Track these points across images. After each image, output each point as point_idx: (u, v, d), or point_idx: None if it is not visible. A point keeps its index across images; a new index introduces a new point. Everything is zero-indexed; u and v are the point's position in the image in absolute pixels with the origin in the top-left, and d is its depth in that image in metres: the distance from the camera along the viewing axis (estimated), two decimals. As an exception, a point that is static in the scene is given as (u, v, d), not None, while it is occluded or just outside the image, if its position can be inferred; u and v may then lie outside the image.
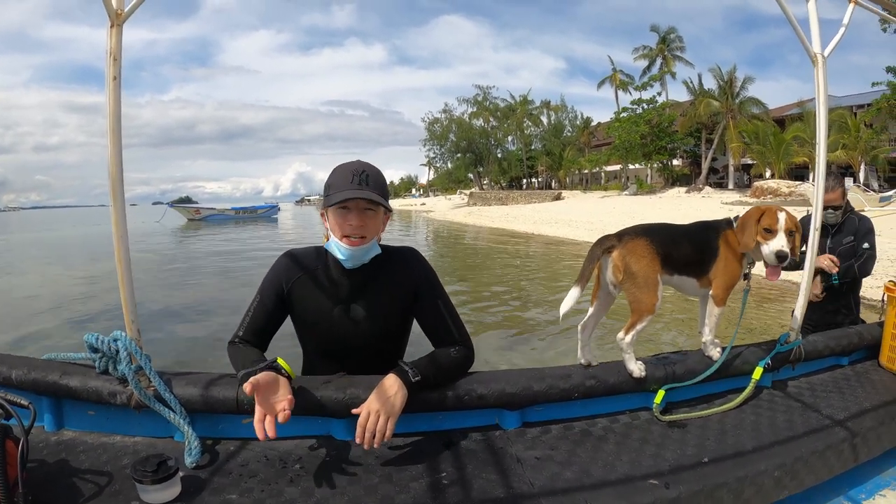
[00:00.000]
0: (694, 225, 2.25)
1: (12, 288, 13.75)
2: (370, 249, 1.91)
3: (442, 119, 70.09)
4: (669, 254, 2.10)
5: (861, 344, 2.66)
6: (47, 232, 45.10)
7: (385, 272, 1.97)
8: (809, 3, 2.21)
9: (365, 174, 1.86)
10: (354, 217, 1.84)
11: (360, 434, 1.63)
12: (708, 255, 2.18)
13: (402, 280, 1.98)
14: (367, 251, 1.90)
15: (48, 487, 1.50)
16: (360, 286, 1.96)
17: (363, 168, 1.88)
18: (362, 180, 1.85)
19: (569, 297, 2.03)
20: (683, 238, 2.18)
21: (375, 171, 1.90)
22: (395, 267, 1.99)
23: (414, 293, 1.98)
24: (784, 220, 2.09)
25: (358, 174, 1.85)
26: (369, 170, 1.88)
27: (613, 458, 1.74)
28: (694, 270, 2.17)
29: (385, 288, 1.97)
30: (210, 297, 11.72)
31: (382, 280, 1.97)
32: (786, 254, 2.06)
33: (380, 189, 1.88)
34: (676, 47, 52.50)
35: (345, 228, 1.85)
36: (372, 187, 1.86)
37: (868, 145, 32.80)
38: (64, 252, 24.17)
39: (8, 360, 1.88)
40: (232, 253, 20.80)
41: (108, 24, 1.55)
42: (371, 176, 1.87)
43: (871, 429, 2.03)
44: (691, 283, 2.20)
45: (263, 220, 50.41)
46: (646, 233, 2.09)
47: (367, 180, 1.86)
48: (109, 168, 1.60)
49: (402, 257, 2.02)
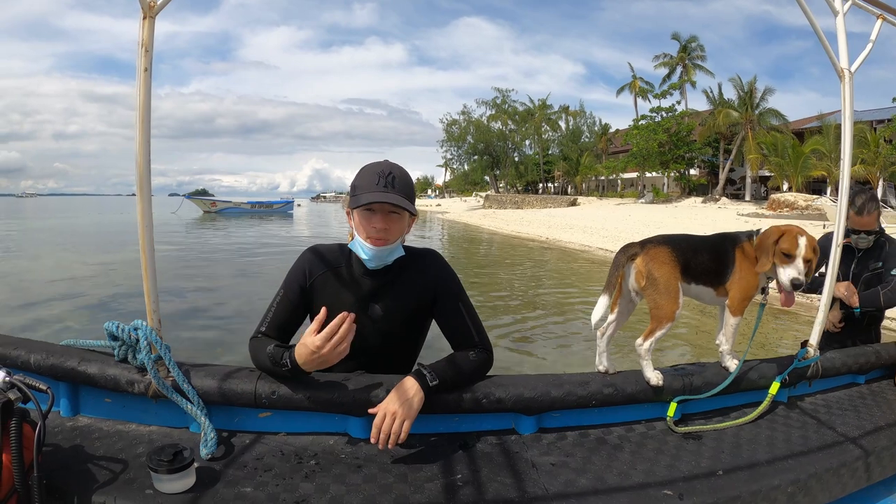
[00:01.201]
0: (714, 236, 2.26)
1: (28, 271, 13.89)
2: (394, 251, 1.90)
3: (460, 121, 70.02)
4: (689, 263, 2.11)
5: (878, 363, 2.63)
6: (66, 219, 45.44)
7: (406, 274, 1.97)
8: (837, 18, 2.19)
9: (392, 176, 1.85)
10: (379, 220, 1.84)
11: (375, 435, 1.64)
12: (724, 265, 2.18)
13: (423, 282, 1.98)
14: (391, 252, 1.90)
15: (63, 472, 1.52)
16: (381, 286, 1.96)
17: (390, 170, 1.86)
18: (388, 182, 1.84)
19: (598, 306, 2.05)
20: (702, 248, 2.18)
21: (402, 173, 1.89)
22: (417, 269, 1.99)
23: (434, 296, 1.98)
24: (804, 245, 2.08)
25: (384, 176, 1.84)
26: (396, 171, 1.87)
27: (628, 466, 1.73)
28: (711, 280, 2.18)
29: (406, 289, 1.97)
30: (225, 288, 11.79)
31: (403, 281, 1.97)
32: (801, 282, 2.05)
33: (406, 191, 1.87)
34: (697, 56, 52.36)
35: (369, 230, 1.84)
36: (398, 190, 1.85)
37: (887, 161, 32.41)
38: (81, 240, 24.37)
39: (27, 345, 1.89)
40: (248, 245, 20.91)
41: (141, 17, 1.56)
42: (398, 178, 1.86)
43: (885, 448, 2.02)
44: (708, 293, 2.20)
45: (279, 215, 50.64)
46: (668, 242, 2.12)
47: (394, 182, 1.84)
48: (137, 159, 1.60)
49: (424, 260, 2.02)
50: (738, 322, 2.20)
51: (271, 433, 1.80)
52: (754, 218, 28.45)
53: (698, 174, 50.85)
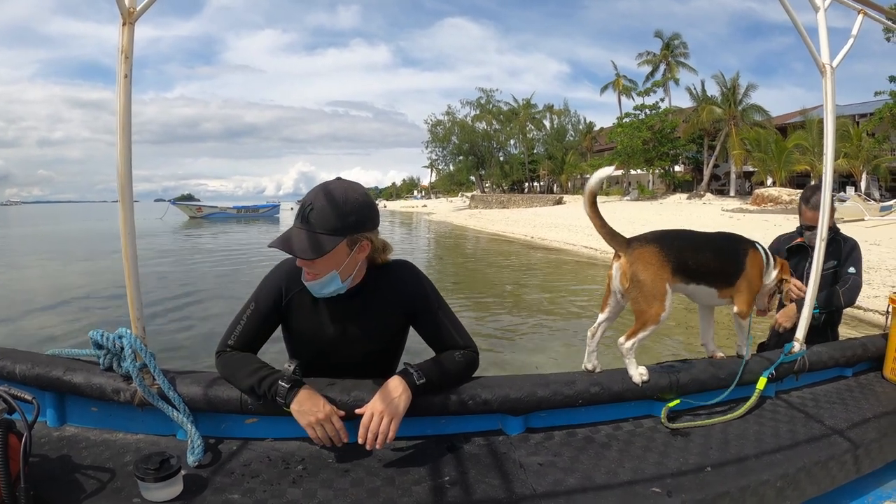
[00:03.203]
0: (720, 235, 2.26)
1: (11, 281, 13.77)
2: (327, 284, 1.78)
3: (445, 121, 70.31)
4: (685, 262, 2.06)
5: (865, 355, 2.65)
6: (50, 227, 45.09)
7: (381, 290, 1.91)
8: (819, 14, 2.20)
9: (310, 207, 1.70)
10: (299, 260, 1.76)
11: (363, 435, 1.63)
12: (733, 268, 2.18)
13: (399, 298, 1.92)
14: (324, 286, 1.78)
15: (50, 483, 1.50)
16: (355, 306, 1.89)
17: (311, 200, 1.72)
18: (304, 217, 1.71)
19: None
20: (706, 246, 2.16)
21: (325, 203, 1.71)
22: (390, 284, 1.92)
23: (413, 310, 1.93)
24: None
25: (305, 207, 1.71)
26: (318, 202, 1.71)
27: (616, 465, 1.74)
28: (715, 280, 2.16)
29: (382, 306, 1.91)
30: (211, 294, 11.72)
31: (379, 298, 1.91)
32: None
33: (326, 224, 1.69)
34: (680, 53, 52.68)
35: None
36: (315, 223, 1.69)
37: (870, 154, 32.74)
38: (66, 247, 24.17)
39: (12, 355, 1.87)
40: (233, 250, 20.82)
41: (121, 23, 1.55)
42: (317, 210, 1.70)
43: (873, 440, 2.03)
44: (709, 293, 2.18)
45: (265, 219, 50.46)
46: (657, 240, 2.06)
47: (309, 217, 1.70)
48: (118, 166, 1.59)
49: (396, 274, 1.94)
50: (749, 322, 2.25)
51: (258, 439, 1.79)
52: (738, 213, 28.64)
53: (683, 171, 51.08)
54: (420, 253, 22.52)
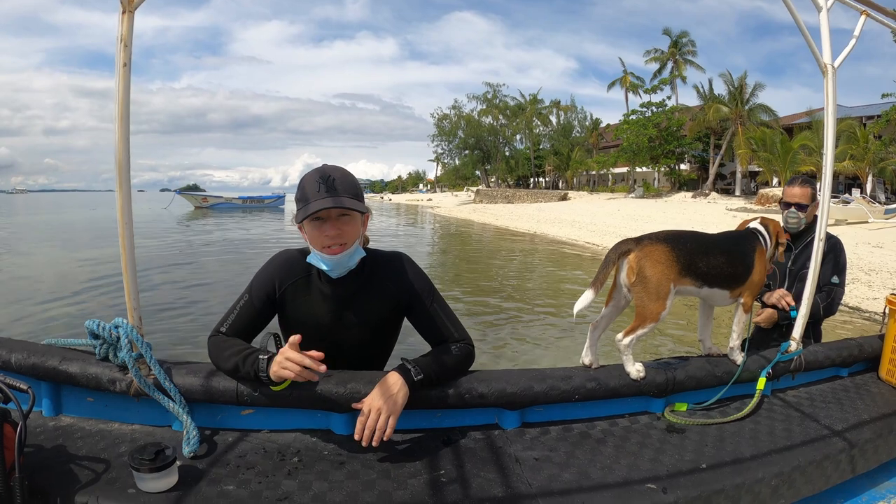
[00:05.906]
0: (725, 236, 2.27)
1: (14, 267, 13.81)
2: (353, 255, 1.84)
3: (451, 115, 70.35)
4: (695, 265, 2.07)
5: (861, 356, 2.65)
6: (55, 215, 45.20)
7: (377, 279, 1.94)
8: (821, 14, 2.19)
9: (331, 179, 1.77)
10: (330, 227, 1.78)
11: (360, 431, 1.63)
12: (744, 268, 2.19)
13: (394, 288, 1.94)
14: (351, 256, 1.83)
15: (45, 472, 1.50)
16: (352, 294, 1.92)
17: (328, 173, 1.79)
18: (329, 186, 1.76)
19: (583, 298, 2.03)
20: (716, 249, 2.16)
21: (343, 174, 1.81)
22: (386, 274, 1.95)
23: (407, 300, 1.95)
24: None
25: (324, 181, 1.76)
26: (335, 173, 1.79)
27: (612, 461, 1.74)
28: (726, 283, 2.17)
29: (377, 295, 1.93)
30: (211, 285, 11.73)
31: (374, 287, 1.93)
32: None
33: (350, 191, 1.79)
34: (688, 51, 52.57)
35: (323, 240, 1.78)
36: (341, 191, 1.77)
37: (876, 157, 32.57)
38: (69, 235, 24.22)
39: (8, 344, 1.88)
40: (237, 241, 20.84)
41: (120, 11, 1.55)
42: (338, 180, 1.78)
43: (868, 441, 2.03)
44: (722, 295, 2.20)
45: (270, 210, 50.45)
46: (668, 240, 2.07)
47: (335, 185, 1.77)
48: (116, 155, 1.59)
49: (393, 264, 1.98)
50: (750, 316, 2.26)
51: (254, 430, 1.79)
52: (742, 212, 28.58)
53: (688, 169, 50.95)
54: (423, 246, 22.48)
